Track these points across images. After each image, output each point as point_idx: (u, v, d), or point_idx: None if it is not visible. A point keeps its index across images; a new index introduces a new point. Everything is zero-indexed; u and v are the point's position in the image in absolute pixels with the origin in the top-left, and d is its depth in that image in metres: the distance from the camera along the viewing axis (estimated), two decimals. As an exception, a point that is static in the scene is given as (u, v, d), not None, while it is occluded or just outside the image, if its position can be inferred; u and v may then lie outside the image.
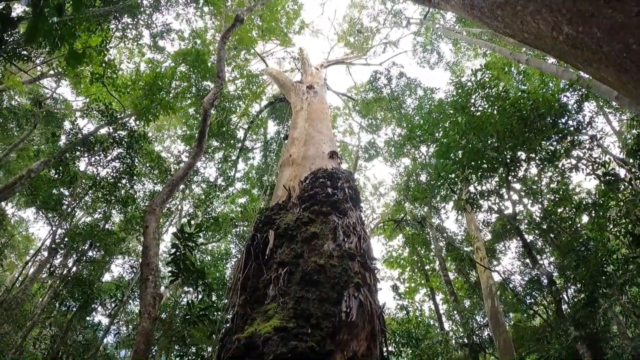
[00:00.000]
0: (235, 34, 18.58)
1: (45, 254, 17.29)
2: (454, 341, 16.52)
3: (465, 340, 15.81)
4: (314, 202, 4.85)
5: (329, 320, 3.23)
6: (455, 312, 18.53)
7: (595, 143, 11.14)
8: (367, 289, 3.81)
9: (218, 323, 6.74)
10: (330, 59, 24.58)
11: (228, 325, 4.20)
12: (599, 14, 2.76)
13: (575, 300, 11.99)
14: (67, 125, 18.67)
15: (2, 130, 20.61)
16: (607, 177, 10.59)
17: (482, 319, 17.01)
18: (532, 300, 15.85)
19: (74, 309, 17.24)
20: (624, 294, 10.45)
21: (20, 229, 30.06)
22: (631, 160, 10.35)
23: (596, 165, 10.74)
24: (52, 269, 17.27)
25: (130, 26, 16.12)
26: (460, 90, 11.96)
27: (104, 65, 14.90)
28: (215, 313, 8.88)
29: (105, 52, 14.79)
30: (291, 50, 24.13)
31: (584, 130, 10.97)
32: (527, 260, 14.64)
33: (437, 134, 13.15)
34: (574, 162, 11.20)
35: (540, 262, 13.59)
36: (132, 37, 16.83)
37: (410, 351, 14.92)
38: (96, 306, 17.79)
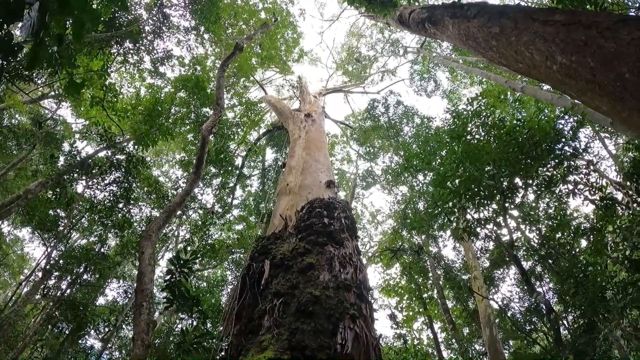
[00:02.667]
0: (235, 62, 18.79)
1: (40, 274, 17.18)
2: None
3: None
4: (311, 233, 4.85)
5: (324, 353, 3.20)
6: (453, 340, 18.32)
7: (592, 168, 11.17)
8: (363, 320, 3.78)
9: (212, 352, 6.66)
10: (328, 87, 24.88)
11: (222, 354, 4.17)
12: (592, 43, 2.80)
13: (575, 326, 11.89)
14: (66, 146, 18.71)
15: (1, 148, 20.66)
16: (605, 201, 10.61)
17: (481, 347, 16.82)
18: (532, 327, 15.71)
19: (67, 332, 17.05)
20: (624, 318, 10.35)
21: (15, 248, 29.87)
22: (628, 183, 10.39)
23: (593, 189, 10.76)
24: (46, 290, 17.13)
25: (131, 51, 16.28)
26: (456, 119, 12.04)
27: (104, 89, 15.01)
28: (210, 341, 8.77)
29: (106, 76, 14.93)
30: (290, 78, 24.46)
31: (580, 156, 11.01)
32: (526, 287, 14.54)
33: (433, 163, 13.19)
34: (571, 187, 11.22)
35: (539, 288, 13.51)
36: (133, 62, 16.99)
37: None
38: (89, 330, 17.58)
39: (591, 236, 11.42)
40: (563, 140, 10.68)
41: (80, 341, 18.50)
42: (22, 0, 2.79)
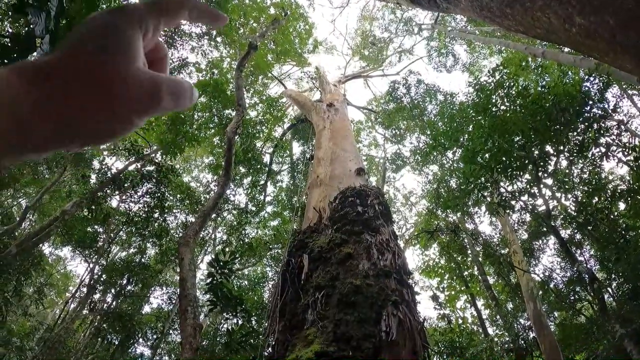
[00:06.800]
0: (251, 61, 18.81)
1: (85, 290, 17.69)
2: (499, 347, 16.16)
3: (511, 345, 15.40)
4: (345, 222, 4.85)
5: (369, 341, 3.20)
6: (498, 316, 18.15)
7: (623, 127, 10.86)
8: (406, 305, 3.78)
9: (260, 349, 6.77)
10: (347, 74, 24.66)
11: (269, 351, 4.22)
12: (610, 2, 2.71)
13: (620, 293, 11.63)
14: (96, 164, 19.12)
15: (34, 174, 21.23)
16: (639, 162, 10.32)
17: (526, 321, 16.61)
18: (576, 297, 15.42)
19: (116, 343, 17.55)
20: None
21: (58, 267, 30.73)
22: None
23: (627, 150, 10.47)
24: (92, 304, 17.64)
25: (147, 64, 16.47)
26: (480, 92, 11.84)
27: (125, 103, 15.19)
28: (256, 338, 8.90)
29: (126, 92, 15.09)
30: (308, 69, 24.34)
31: (609, 116, 10.71)
32: (566, 257, 14.26)
33: (461, 139, 13.00)
34: (603, 149, 10.94)
35: (580, 257, 13.25)
36: (150, 75, 17.19)
37: (456, 361, 14.63)
38: (138, 338, 18.04)
39: (629, 198, 11.13)
40: (590, 102, 10.39)
41: (130, 350, 19.02)
42: (31, 35, 2.85)
